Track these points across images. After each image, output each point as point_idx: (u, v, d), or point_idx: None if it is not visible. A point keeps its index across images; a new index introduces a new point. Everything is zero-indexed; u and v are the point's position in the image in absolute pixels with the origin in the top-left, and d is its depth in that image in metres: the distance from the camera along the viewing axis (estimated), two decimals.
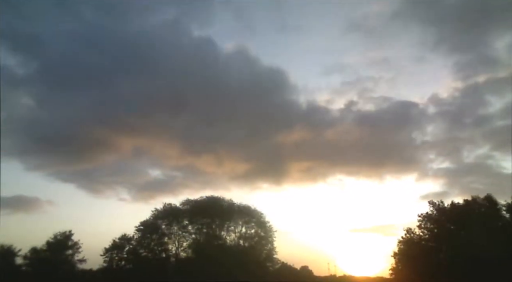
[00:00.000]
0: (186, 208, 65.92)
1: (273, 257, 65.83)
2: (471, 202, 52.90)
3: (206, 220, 64.55)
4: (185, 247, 63.41)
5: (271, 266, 65.44)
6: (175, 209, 65.70)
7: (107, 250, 59.54)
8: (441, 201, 55.13)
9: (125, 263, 59.99)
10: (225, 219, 65.41)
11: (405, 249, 53.73)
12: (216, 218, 64.65)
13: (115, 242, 60.63)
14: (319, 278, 76.11)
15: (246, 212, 67.12)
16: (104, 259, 59.07)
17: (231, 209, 66.52)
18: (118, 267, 59.20)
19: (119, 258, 60.12)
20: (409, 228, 54.93)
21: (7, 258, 55.93)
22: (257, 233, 66.58)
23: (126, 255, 60.33)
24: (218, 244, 63.06)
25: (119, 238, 61.14)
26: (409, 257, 51.97)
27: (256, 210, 68.04)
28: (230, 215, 65.80)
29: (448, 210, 53.77)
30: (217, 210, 64.72)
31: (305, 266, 76.88)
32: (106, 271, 58.41)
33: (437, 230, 52.98)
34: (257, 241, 65.97)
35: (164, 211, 64.69)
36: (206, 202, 66.06)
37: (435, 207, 54.74)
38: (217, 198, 67.87)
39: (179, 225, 64.16)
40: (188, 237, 64.17)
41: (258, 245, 65.72)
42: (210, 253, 58.31)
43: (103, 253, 59.31)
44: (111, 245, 60.26)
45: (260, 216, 67.23)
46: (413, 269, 50.32)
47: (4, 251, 56.02)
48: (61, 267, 56.47)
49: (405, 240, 54.68)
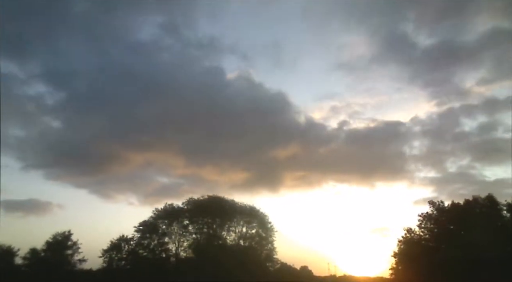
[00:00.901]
0: (187, 207, 65.63)
1: (273, 257, 65.70)
2: (472, 201, 52.72)
3: (207, 219, 64.21)
4: (185, 247, 63.06)
5: (271, 266, 65.27)
6: (175, 208, 65.31)
7: (106, 251, 59.25)
8: (441, 201, 55.15)
9: (124, 263, 59.82)
10: (226, 219, 65.10)
11: (406, 249, 53.69)
12: (217, 218, 64.30)
13: (113, 242, 60.44)
14: (319, 278, 75.90)
15: (249, 212, 66.90)
16: (104, 260, 58.93)
17: (233, 209, 66.23)
18: (118, 267, 59.02)
19: (119, 258, 59.97)
20: (409, 228, 54.95)
21: (6, 258, 55.85)
22: (258, 233, 66.41)
23: (126, 255, 60.18)
24: (219, 244, 62.87)
25: (118, 238, 60.89)
26: (410, 257, 51.92)
27: (259, 210, 67.92)
28: (231, 214, 65.54)
29: (448, 210, 53.75)
30: (218, 209, 64.33)
31: (305, 266, 76.77)
32: (106, 271, 58.22)
33: (437, 230, 52.96)
34: (258, 241, 65.81)
35: (164, 211, 64.30)
36: (207, 201, 65.65)
37: (435, 207, 54.70)
38: (218, 197, 67.37)
39: (180, 225, 63.80)
40: (189, 236, 63.84)
41: (258, 245, 65.56)
42: (210, 253, 58.20)
43: (102, 254, 59.11)
44: (110, 246, 59.98)
45: (263, 217, 67.13)
46: (413, 269, 50.26)
47: (4, 251, 55.93)
48: (61, 267, 56.32)
49: (405, 240, 54.64)
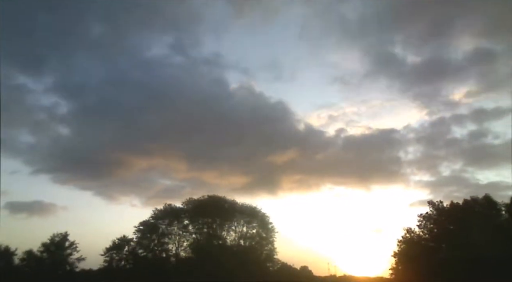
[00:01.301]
0: (187, 207, 65.60)
1: (273, 257, 65.76)
2: (471, 201, 52.91)
3: (207, 219, 64.23)
4: (185, 247, 63.17)
5: (271, 266, 65.35)
6: (175, 209, 65.32)
7: (108, 250, 59.41)
8: (440, 201, 55.26)
9: (124, 263, 59.84)
10: (226, 219, 65.12)
11: (405, 249, 53.80)
12: (217, 218, 64.30)
13: (115, 242, 60.49)
14: (319, 278, 75.81)
15: (249, 212, 66.91)
16: (104, 259, 59.03)
17: (233, 208, 66.25)
18: (118, 267, 59.01)
19: (119, 258, 59.99)
20: (409, 227, 55.06)
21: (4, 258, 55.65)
22: (259, 233, 66.43)
23: (126, 255, 60.18)
24: (219, 244, 62.92)
25: (118, 238, 60.95)
26: (409, 257, 52.02)
27: (259, 210, 67.96)
28: (231, 214, 65.55)
29: (447, 210, 53.90)
30: (218, 209, 64.32)
31: (305, 266, 76.67)
32: (106, 271, 58.21)
33: (436, 230, 53.09)
34: (258, 241, 65.84)
35: (164, 211, 64.33)
36: (207, 201, 65.56)
37: (435, 207, 54.83)
38: (218, 197, 67.34)
39: (180, 225, 63.82)
40: (189, 236, 63.98)
41: (258, 245, 65.57)
42: (210, 253, 58.20)
43: (103, 253, 59.20)
44: (111, 246, 60.07)
45: (264, 217, 67.14)
46: (413, 269, 50.37)
47: (1, 251, 55.74)
48: (59, 268, 56.20)
49: (405, 240, 54.76)
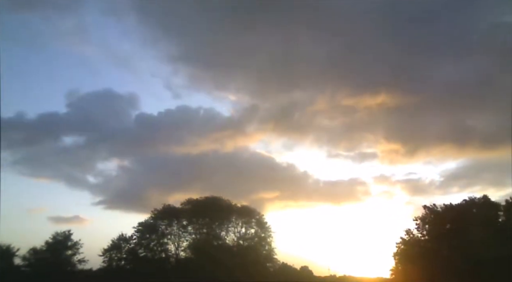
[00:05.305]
0: (186, 207, 65.82)
1: (273, 257, 65.77)
2: (469, 202, 53.17)
3: (206, 220, 64.37)
4: (185, 247, 63.27)
5: (271, 266, 65.42)
6: (174, 209, 65.48)
7: (106, 250, 59.57)
8: (433, 204, 55.41)
9: (124, 263, 60.04)
10: (225, 219, 65.33)
11: (405, 250, 53.98)
12: (215, 218, 64.47)
13: (114, 242, 60.74)
14: (319, 279, 75.75)
15: (246, 212, 67.15)
16: (104, 259, 59.23)
17: (231, 209, 66.52)
18: (118, 267, 59.23)
19: (119, 258, 60.21)
20: (408, 229, 55.25)
21: (6, 257, 55.89)
22: (257, 233, 66.61)
23: (125, 255, 60.42)
24: (218, 244, 63.08)
25: (117, 238, 61.21)
26: (409, 258, 52.21)
27: (255, 210, 68.37)
28: (229, 215, 65.79)
29: (445, 211, 54.02)
30: (217, 210, 64.46)
31: (305, 266, 76.64)
32: (106, 271, 58.39)
33: (435, 231, 53.26)
34: (257, 241, 65.97)
35: (163, 211, 64.54)
36: (205, 201, 65.78)
37: (430, 210, 55.00)
38: (217, 198, 67.48)
39: (179, 225, 63.98)
40: (188, 237, 64.04)
41: (257, 245, 65.67)
42: (210, 253, 58.31)
43: (102, 253, 59.43)
44: (110, 245, 60.30)
45: (260, 216, 67.43)
46: (413, 269, 50.52)
47: (3, 251, 55.97)
48: (61, 268, 56.45)
49: (405, 240, 54.94)
